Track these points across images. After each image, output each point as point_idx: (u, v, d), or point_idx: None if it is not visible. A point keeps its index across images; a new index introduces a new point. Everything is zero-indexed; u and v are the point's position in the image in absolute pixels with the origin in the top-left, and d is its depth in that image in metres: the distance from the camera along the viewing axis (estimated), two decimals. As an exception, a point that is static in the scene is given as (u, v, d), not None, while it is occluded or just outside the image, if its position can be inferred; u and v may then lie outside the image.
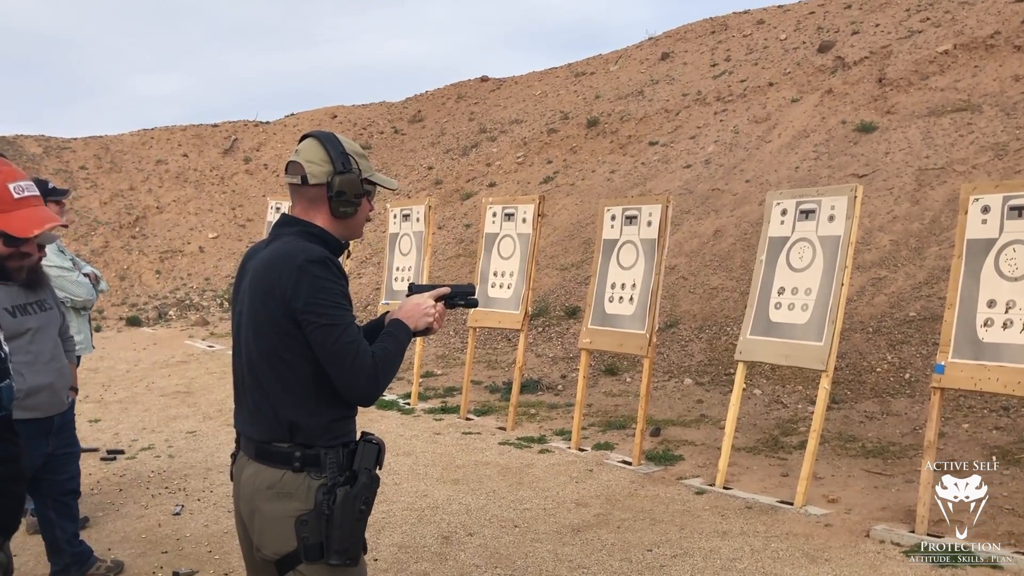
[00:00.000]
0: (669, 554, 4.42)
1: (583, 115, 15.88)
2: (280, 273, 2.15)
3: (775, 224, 5.62)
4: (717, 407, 7.15)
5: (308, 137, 2.33)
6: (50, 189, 5.08)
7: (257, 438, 2.24)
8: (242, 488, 2.29)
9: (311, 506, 2.15)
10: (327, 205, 2.27)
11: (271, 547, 2.20)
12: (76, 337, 5.04)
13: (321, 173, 2.25)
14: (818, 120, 11.89)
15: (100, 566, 4.28)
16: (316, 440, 2.19)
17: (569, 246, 11.59)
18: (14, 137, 18.70)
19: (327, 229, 2.30)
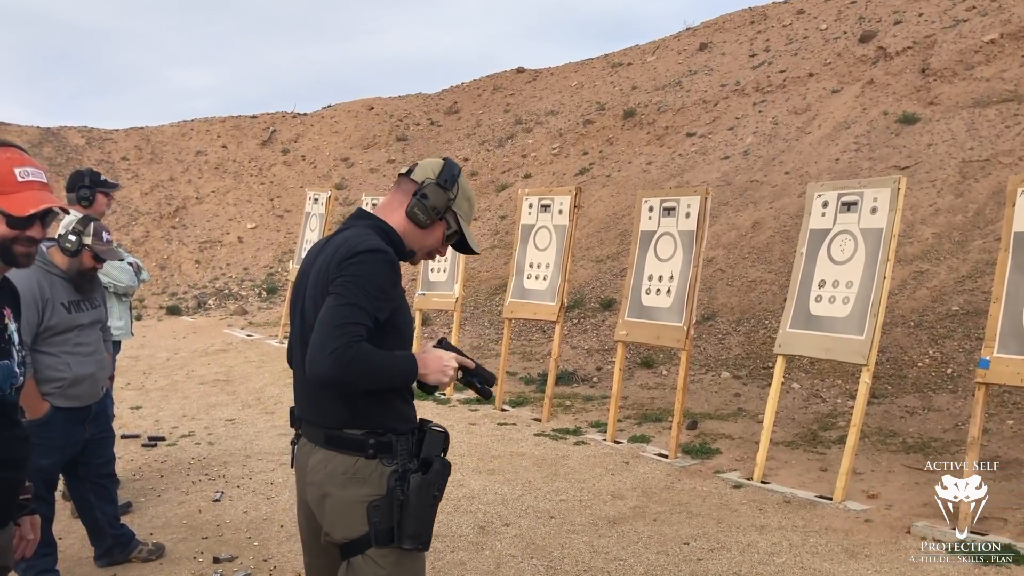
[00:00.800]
0: (706, 547, 4.40)
1: (619, 106, 15.79)
2: (340, 260, 2.19)
3: (816, 216, 5.55)
4: (755, 401, 7.08)
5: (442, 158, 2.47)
6: (101, 181, 5.20)
7: (326, 424, 2.27)
8: (310, 474, 2.31)
9: (383, 492, 2.20)
10: (408, 202, 2.37)
11: (341, 531, 2.25)
12: (117, 323, 5.14)
13: (424, 176, 2.38)
14: (859, 111, 11.71)
15: (142, 549, 4.36)
16: (387, 427, 2.23)
17: (605, 238, 11.54)
18: (58, 128, 19.02)
19: (397, 229, 2.36)
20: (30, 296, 3.80)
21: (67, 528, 4.87)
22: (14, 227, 2.04)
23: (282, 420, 7.09)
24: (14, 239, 2.06)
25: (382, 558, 2.21)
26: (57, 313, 3.87)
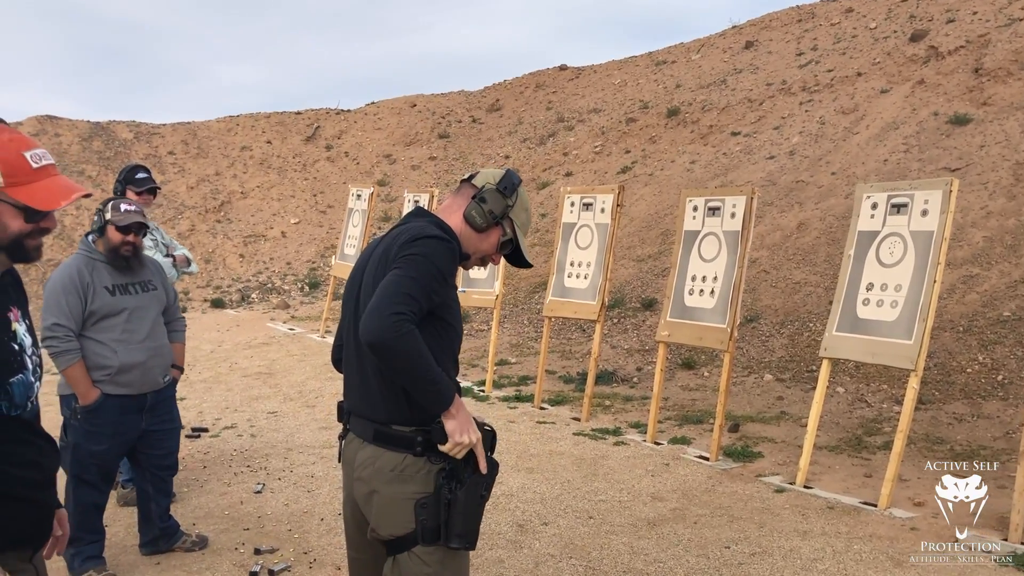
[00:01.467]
0: (747, 552, 4.34)
1: (663, 104, 15.67)
2: (402, 242, 2.23)
3: (864, 218, 5.45)
4: (798, 404, 6.99)
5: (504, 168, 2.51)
6: (135, 178, 5.25)
7: (376, 418, 2.28)
8: (358, 470, 2.33)
9: (431, 489, 2.21)
10: (466, 205, 2.40)
11: (388, 528, 2.26)
12: None
13: (485, 182, 2.42)
14: (908, 111, 11.49)
15: (186, 540, 4.42)
16: None
17: (646, 237, 11.47)
18: (108, 123, 19.36)
19: (455, 230, 2.38)
20: (70, 283, 3.89)
21: (113, 516, 4.95)
22: (31, 220, 1.83)
23: (323, 414, 7.15)
24: (29, 232, 1.85)
25: (428, 556, 2.22)
26: (100, 297, 3.91)
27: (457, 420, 2.18)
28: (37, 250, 1.89)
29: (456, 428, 2.18)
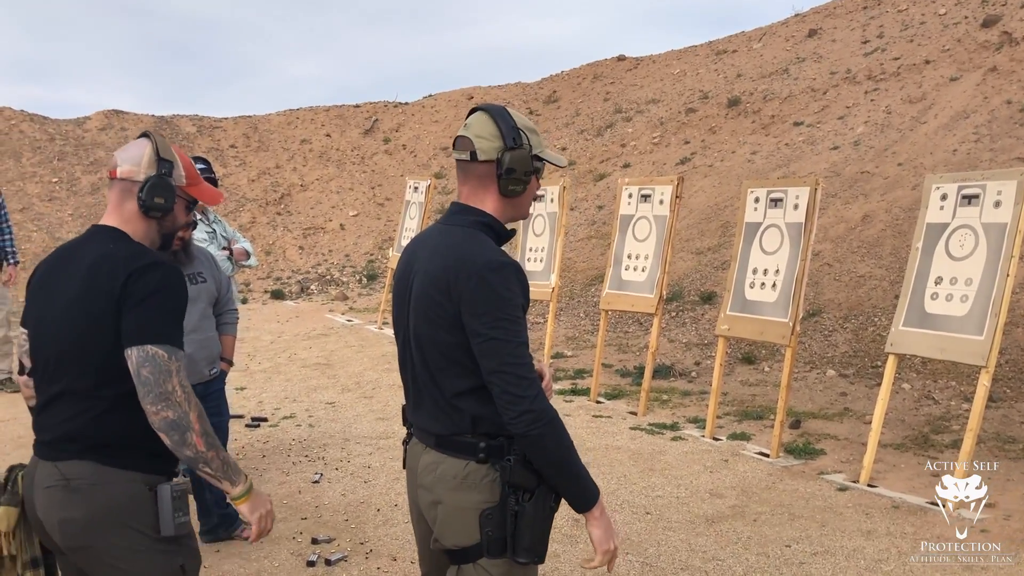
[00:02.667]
0: (809, 551, 4.25)
1: (723, 94, 15.43)
2: (458, 275, 2.08)
3: (934, 209, 5.28)
4: (862, 401, 6.82)
5: (478, 110, 2.24)
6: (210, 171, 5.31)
7: (438, 432, 2.19)
8: (420, 476, 2.23)
9: (496, 499, 2.10)
10: (495, 184, 2.18)
11: (451, 539, 2.15)
12: None
13: (491, 149, 2.16)
14: (980, 100, 11.12)
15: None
16: (499, 430, 2.12)
17: (706, 229, 11.30)
18: (171, 117, 19.79)
19: (496, 214, 2.22)
20: None
21: (175, 503, 5.04)
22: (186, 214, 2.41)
23: (380, 404, 7.20)
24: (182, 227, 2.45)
25: (494, 568, 2.11)
26: None
27: (603, 524, 2.11)
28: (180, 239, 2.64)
29: (604, 536, 2.11)
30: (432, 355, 2.15)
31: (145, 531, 2.12)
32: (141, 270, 2.12)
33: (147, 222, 2.26)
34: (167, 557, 2.16)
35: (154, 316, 2.10)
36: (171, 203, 2.26)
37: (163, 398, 2.04)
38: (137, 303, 2.09)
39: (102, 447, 2.11)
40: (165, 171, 2.25)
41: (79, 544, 2.13)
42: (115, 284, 2.10)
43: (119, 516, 2.11)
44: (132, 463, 2.13)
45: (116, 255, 2.15)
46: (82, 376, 2.13)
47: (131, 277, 2.10)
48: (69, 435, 2.13)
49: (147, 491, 2.13)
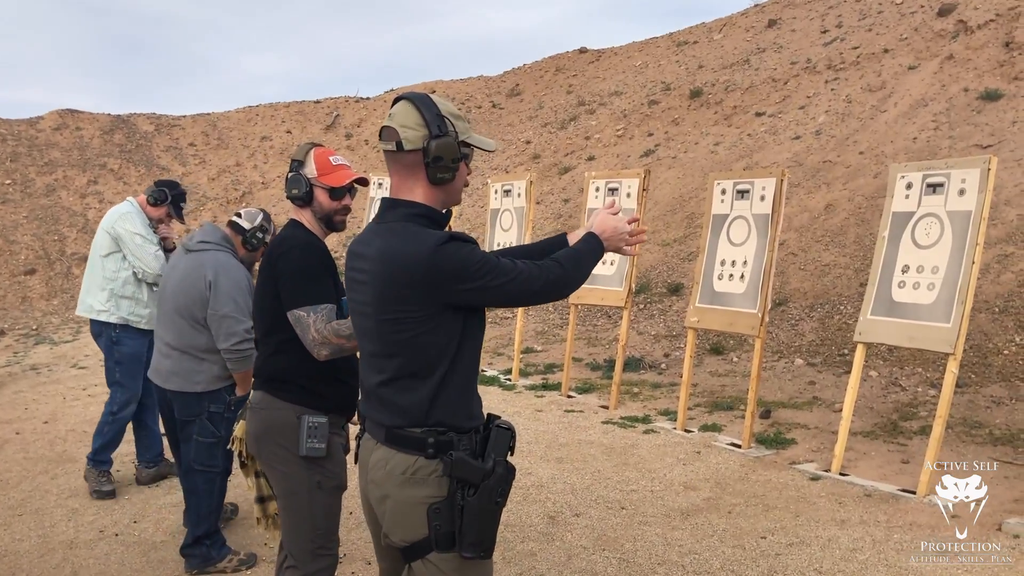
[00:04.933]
0: (784, 542, 4.25)
1: (686, 86, 15.48)
2: (412, 264, 2.07)
3: (899, 198, 5.32)
4: (830, 389, 6.87)
5: (401, 100, 2.24)
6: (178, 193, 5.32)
7: (387, 423, 2.18)
8: (371, 472, 2.24)
9: (444, 494, 2.10)
10: (424, 172, 2.18)
11: (400, 534, 2.16)
12: (143, 312, 5.18)
13: (417, 138, 2.15)
14: (938, 88, 11.26)
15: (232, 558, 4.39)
16: (449, 424, 2.12)
17: (671, 221, 11.33)
18: (128, 115, 19.42)
19: (427, 202, 2.21)
20: (246, 283, 3.92)
21: (140, 512, 4.93)
22: (335, 199, 2.92)
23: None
24: (335, 211, 2.93)
25: (444, 563, 2.11)
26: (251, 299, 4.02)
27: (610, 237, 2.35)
28: (342, 223, 2.95)
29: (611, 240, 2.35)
30: (385, 348, 2.16)
31: (291, 448, 2.78)
32: (282, 253, 2.82)
33: (302, 210, 2.94)
34: (307, 472, 2.79)
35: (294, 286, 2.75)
36: (304, 191, 2.88)
37: (313, 346, 2.70)
38: (285, 278, 2.77)
39: (269, 380, 2.85)
40: (294, 169, 2.93)
41: (254, 452, 2.93)
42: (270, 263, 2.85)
43: (273, 434, 2.81)
44: (287, 395, 2.80)
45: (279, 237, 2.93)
46: (260, 329, 2.94)
47: (279, 258, 2.81)
48: (256, 371, 2.95)
49: (295, 419, 2.77)
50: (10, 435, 6.64)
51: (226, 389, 3.99)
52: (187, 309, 3.92)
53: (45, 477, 5.63)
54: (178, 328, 3.98)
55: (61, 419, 7.06)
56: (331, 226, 2.98)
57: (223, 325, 3.82)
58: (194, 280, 3.89)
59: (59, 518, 4.89)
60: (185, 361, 3.97)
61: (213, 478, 4.07)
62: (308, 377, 2.81)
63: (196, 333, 3.93)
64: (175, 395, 4.03)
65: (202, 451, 4.01)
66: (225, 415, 3.97)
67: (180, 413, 4.06)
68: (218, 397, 3.98)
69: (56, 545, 4.50)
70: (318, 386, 2.82)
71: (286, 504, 2.87)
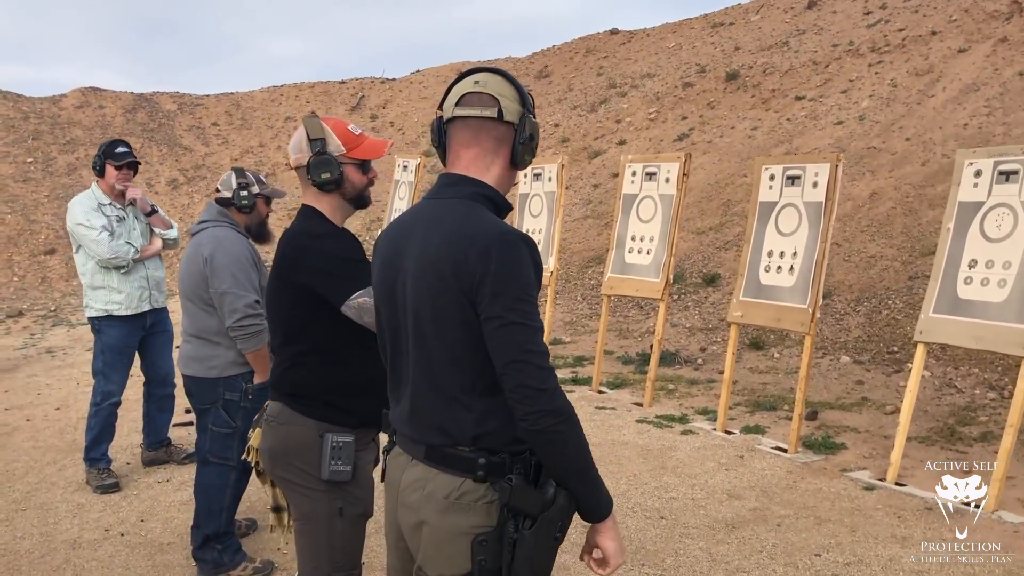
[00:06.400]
0: (841, 561, 3.89)
1: (721, 68, 15.00)
2: (467, 253, 1.77)
3: (967, 188, 4.90)
4: (880, 389, 6.47)
5: (483, 71, 1.96)
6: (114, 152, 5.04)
7: (429, 440, 1.87)
8: (403, 494, 1.92)
9: (492, 523, 1.80)
10: (508, 150, 1.93)
11: (438, 568, 1.85)
12: (119, 298, 4.94)
13: (514, 111, 1.91)
14: (990, 72, 10.74)
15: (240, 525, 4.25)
16: (502, 445, 1.81)
17: (706, 208, 10.91)
18: (151, 94, 19.21)
19: (497, 186, 1.93)
20: (246, 258, 3.67)
21: (148, 510, 4.66)
22: (365, 174, 2.57)
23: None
24: (366, 186, 2.59)
25: None
26: (261, 271, 3.77)
27: (616, 535, 1.87)
28: (370, 197, 2.62)
29: (618, 549, 1.87)
30: (435, 351, 1.83)
31: (309, 471, 2.43)
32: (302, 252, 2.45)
33: (328, 196, 2.54)
34: (328, 497, 2.44)
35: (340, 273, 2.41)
36: (337, 173, 2.49)
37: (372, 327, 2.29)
38: (322, 275, 2.40)
39: (288, 394, 2.50)
40: (319, 149, 2.49)
41: (269, 470, 2.58)
42: (286, 264, 2.47)
43: (291, 453, 2.46)
44: (309, 411, 2.45)
45: (292, 232, 2.54)
46: (276, 338, 2.57)
47: (299, 260, 2.44)
48: (275, 382, 2.57)
49: (317, 436, 2.43)
50: (20, 422, 6.41)
51: (243, 376, 3.73)
52: (193, 291, 3.72)
53: (53, 468, 5.39)
54: (191, 313, 3.78)
55: (73, 406, 6.82)
56: (362, 203, 2.62)
57: (224, 302, 3.58)
58: (194, 261, 3.70)
59: (63, 514, 4.63)
60: (201, 347, 3.75)
61: (226, 472, 3.80)
62: (334, 391, 2.46)
63: (207, 316, 3.71)
64: (192, 381, 3.80)
65: (217, 442, 3.75)
66: (242, 404, 3.72)
67: (196, 401, 3.83)
68: (234, 384, 3.72)
69: (59, 544, 4.24)
70: (345, 401, 2.47)
71: (302, 528, 2.51)
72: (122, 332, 5.02)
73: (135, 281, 5.00)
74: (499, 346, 1.74)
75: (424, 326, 1.84)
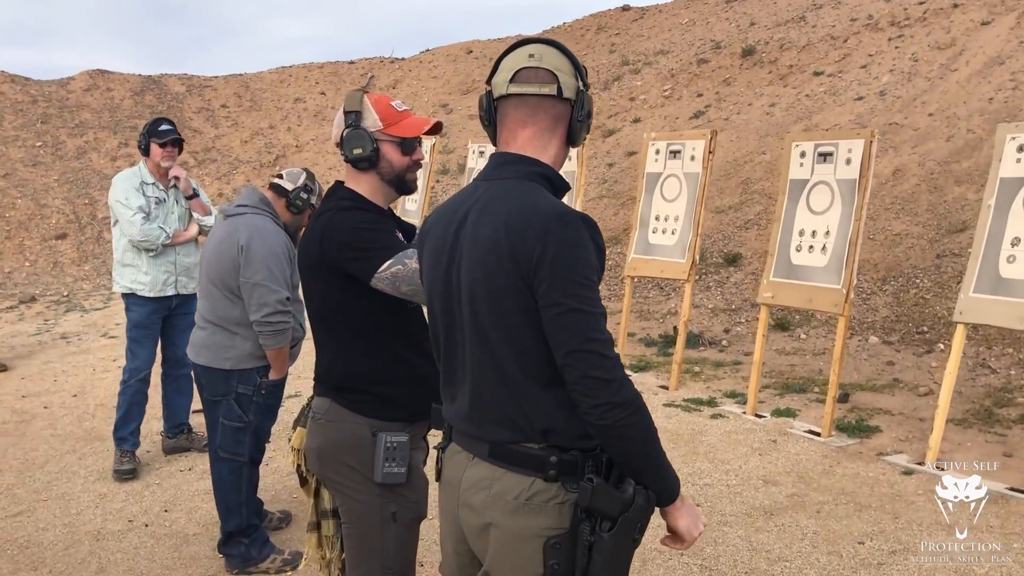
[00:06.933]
0: (886, 549, 3.79)
1: (737, 44, 14.76)
2: (524, 235, 1.66)
3: (1008, 163, 4.75)
4: (911, 370, 6.33)
5: (537, 43, 1.84)
6: (158, 131, 4.97)
7: (494, 436, 1.76)
8: (465, 494, 1.81)
9: (565, 525, 1.70)
10: (565, 128, 1.84)
11: (507, 572, 1.76)
12: (144, 279, 4.89)
13: (572, 88, 1.82)
14: (1015, 45, 10.50)
15: (271, 518, 4.20)
16: (573, 441, 1.71)
17: (725, 187, 10.73)
18: (159, 76, 19.05)
19: (553, 165, 1.83)
20: (283, 252, 3.54)
21: (172, 499, 4.58)
22: (406, 154, 2.35)
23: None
24: (407, 168, 2.37)
25: None
26: (295, 268, 3.63)
27: (687, 512, 1.80)
28: (414, 183, 2.42)
29: (692, 523, 1.80)
30: (496, 342, 1.72)
31: (362, 471, 2.28)
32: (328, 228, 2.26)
33: (362, 175, 2.35)
34: (381, 501, 2.29)
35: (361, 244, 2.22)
36: (370, 149, 2.30)
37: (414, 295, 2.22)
38: (346, 249, 2.23)
39: (337, 388, 2.33)
40: (352, 122, 2.32)
41: (316, 472, 2.43)
42: (318, 243, 2.28)
43: (342, 452, 2.30)
44: (360, 406, 2.29)
45: (319, 211, 2.36)
46: (317, 325, 2.38)
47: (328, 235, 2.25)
48: (319, 375, 2.40)
49: (370, 435, 2.27)
50: (38, 409, 6.33)
51: (257, 370, 3.62)
52: (220, 278, 3.57)
53: (73, 457, 5.31)
54: (212, 298, 3.64)
55: (90, 392, 6.74)
56: (403, 188, 2.41)
57: (255, 294, 3.45)
58: (228, 246, 3.54)
59: (86, 504, 4.56)
60: (217, 335, 3.62)
61: (239, 467, 3.71)
62: (385, 382, 2.30)
63: (230, 304, 3.58)
64: (203, 371, 3.69)
65: (228, 436, 3.66)
66: (254, 399, 3.63)
67: (207, 392, 3.72)
68: (248, 378, 3.62)
69: (82, 536, 4.17)
70: (397, 392, 2.31)
71: (352, 533, 2.38)
72: (146, 311, 5.01)
73: (161, 265, 4.94)
74: (559, 335, 1.64)
75: (482, 316, 1.74)
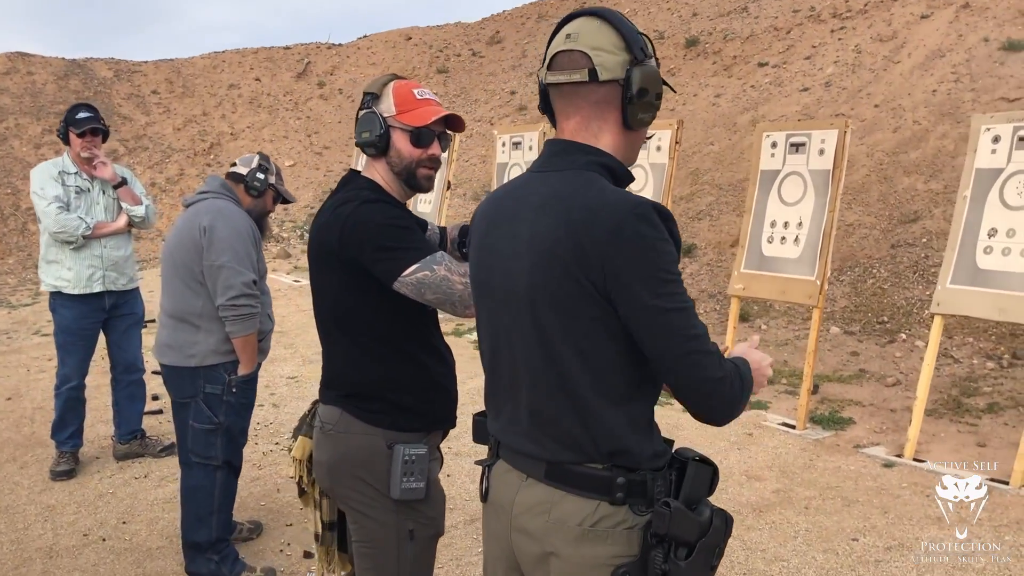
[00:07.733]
0: (881, 546, 3.73)
1: (680, 35, 14.78)
2: (593, 231, 1.47)
3: (984, 154, 4.75)
4: (876, 360, 6.35)
5: (581, 16, 1.61)
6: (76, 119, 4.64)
7: (552, 458, 1.59)
8: (519, 518, 1.63)
9: (635, 553, 1.53)
10: (618, 112, 1.60)
11: None
12: (68, 275, 4.57)
13: (615, 65, 1.57)
14: (954, 38, 10.70)
15: (241, 529, 3.98)
16: (642, 461, 1.55)
17: (675, 178, 10.70)
18: (84, 60, 18.24)
19: (614, 152, 1.62)
20: (248, 234, 3.31)
21: (129, 510, 4.29)
22: (418, 146, 2.11)
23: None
24: (419, 161, 2.13)
25: None
26: (260, 252, 3.45)
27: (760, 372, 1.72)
28: (429, 180, 2.16)
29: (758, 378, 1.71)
30: (560, 353, 1.54)
31: (378, 487, 2.09)
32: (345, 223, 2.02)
33: (376, 164, 2.16)
34: (397, 519, 2.12)
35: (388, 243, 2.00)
36: (377, 135, 2.09)
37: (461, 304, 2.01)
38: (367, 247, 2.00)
39: (348, 396, 2.13)
40: (366, 103, 2.15)
41: (326, 487, 2.22)
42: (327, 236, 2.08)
43: (355, 466, 2.11)
44: (374, 416, 2.10)
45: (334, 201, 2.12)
46: (324, 328, 2.20)
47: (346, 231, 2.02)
48: (327, 381, 2.20)
49: (385, 448, 2.08)
50: (-30, 414, 5.92)
51: (225, 367, 3.38)
52: (184, 266, 3.33)
53: (13, 466, 4.95)
54: (174, 291, 3.40)
55: (26, 395, 6.34)
56: (414, 184, 2.15)
57: (220, 276, 3.23)
58: (188, 231, 3.32)
59: (33, 518, 4.23)
60: (180, 331, 3.37)
61: (211, 472, 3.46)
62: (402, 389, 2.10)
63: (192, 295, 3.34)
64: (169, 371, 3.44)
65: (199, 440, 3.41)
66: (224, 398, 3.39)
67: (174, 393, 3.47)
68: (215, 376, 3.38)
69: (32, 553, 3.86)
70: (415, 400, 2.11)
71: (366, 552, 2.17)
72: (74, 313, 4.61)
73: (85, 259, 4.57)
74: (658, 341, 1.47)
75: (547, 325, 1.55)
